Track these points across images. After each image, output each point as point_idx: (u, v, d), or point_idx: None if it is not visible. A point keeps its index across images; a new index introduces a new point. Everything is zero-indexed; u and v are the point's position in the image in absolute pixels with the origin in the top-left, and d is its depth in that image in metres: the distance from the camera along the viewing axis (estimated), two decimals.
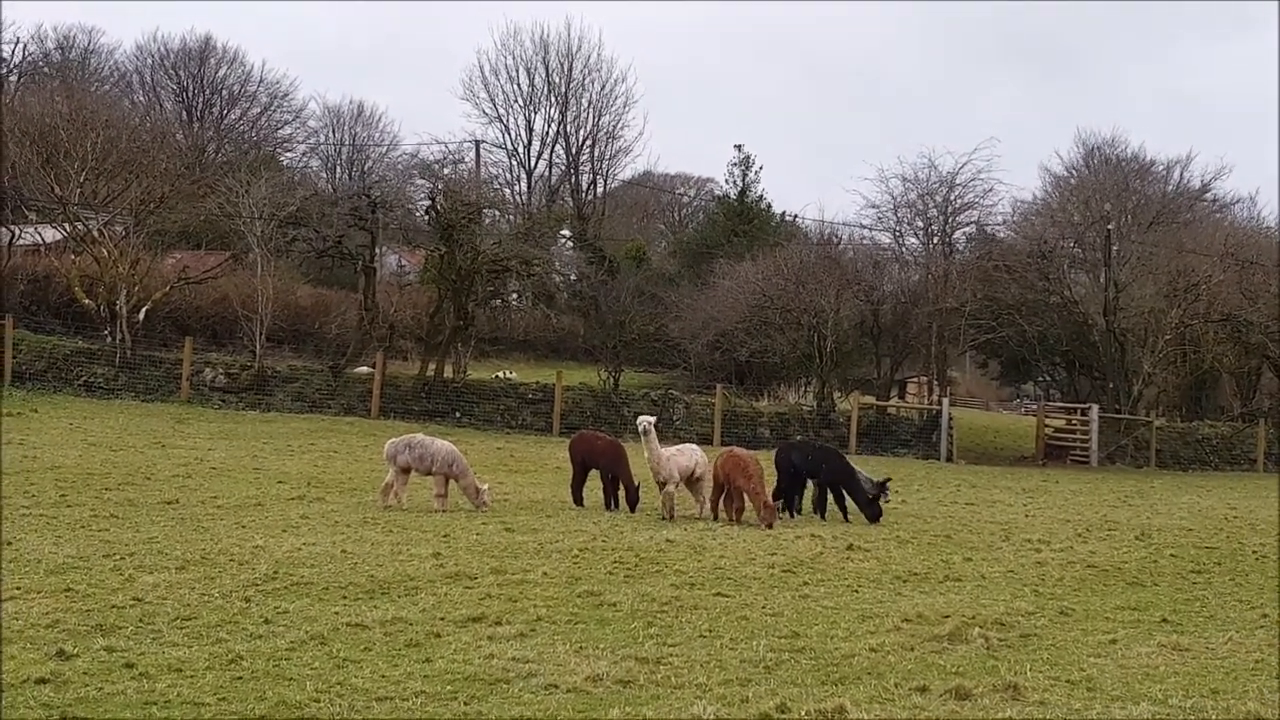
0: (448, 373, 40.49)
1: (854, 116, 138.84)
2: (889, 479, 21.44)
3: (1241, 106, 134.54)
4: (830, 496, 20.84)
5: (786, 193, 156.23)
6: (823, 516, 20.60)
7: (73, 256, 40.05)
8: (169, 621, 10.60)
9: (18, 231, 41.60)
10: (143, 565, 12.99)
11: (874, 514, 20.25)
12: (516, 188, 72.54)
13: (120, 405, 34.70)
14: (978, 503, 25.24)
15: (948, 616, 12.08)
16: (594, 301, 48.45)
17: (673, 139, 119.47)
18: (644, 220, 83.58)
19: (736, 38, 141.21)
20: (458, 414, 38.60)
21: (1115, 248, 44.80)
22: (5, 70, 62.99)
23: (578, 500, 20.56)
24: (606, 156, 74.39)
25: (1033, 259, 45.48)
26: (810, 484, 21.31)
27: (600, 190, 75.31)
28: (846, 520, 20.32)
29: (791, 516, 20.58)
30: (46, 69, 68.00)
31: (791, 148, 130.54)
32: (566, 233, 64.31)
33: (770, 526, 18.44)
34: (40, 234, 42.43)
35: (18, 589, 11.48)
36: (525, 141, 72.96)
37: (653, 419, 20.01)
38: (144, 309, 38.02)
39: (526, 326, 55.55)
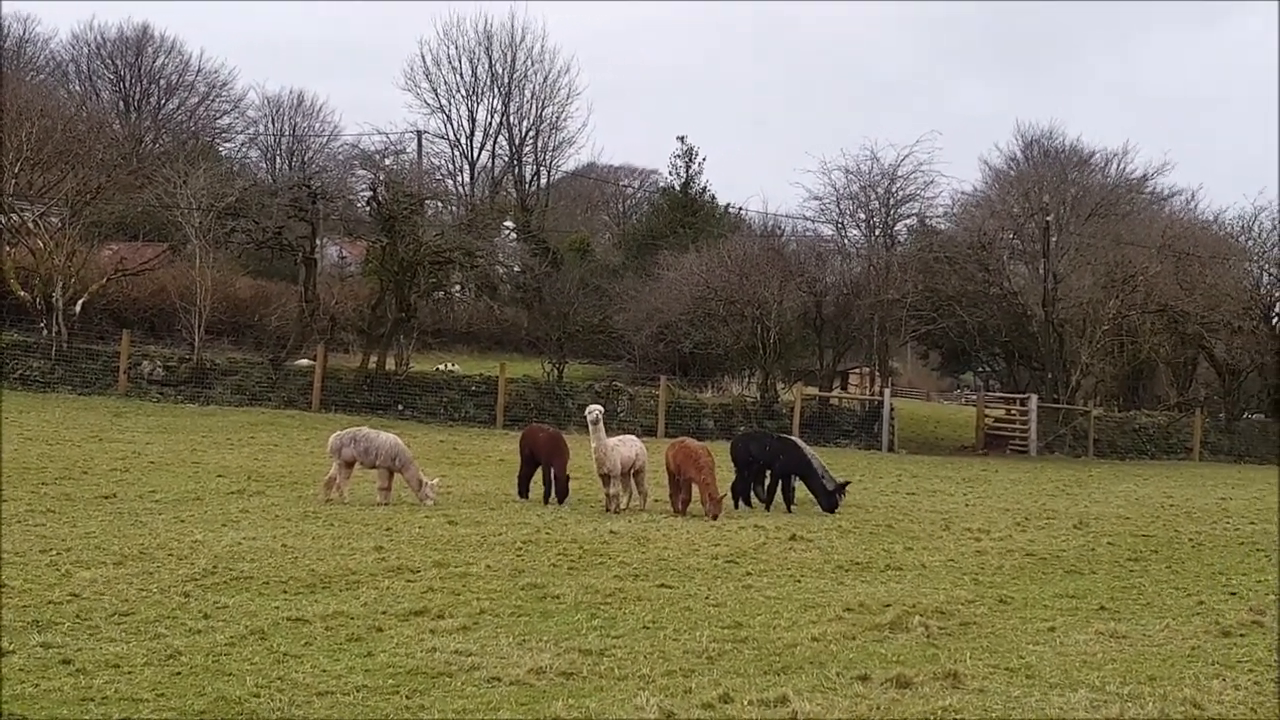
0: (390, 365, 40.27)
1: (800, 110, 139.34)
2: (849, 482, 21.56)
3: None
4: (779, 487, 20.88)
5: (730, 185, 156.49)
6: (768, 507, 20.66)
7: (7, 248, 39.43)
8: (106, 617, 10.48)
9: None
10: (80, 560, 12.83)
11: (829, 504, 20.31)
12: (459, 179, 72.35)
13: (57, 399, 34.26)
14: (918, 492, 25.43)
15: (889, 605, 12.17)
16: (538, 293, 48.35)
17: (616, 131, 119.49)
18: (588, 212, 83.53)
19: (677, 29, 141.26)
20: (400, 406, 38.43)
21: (1054, 239, 45.22)
22: None
23: (522, 492, 20.50)
24: (550, 148, 74.37)
25: (973, 250, 45.86)
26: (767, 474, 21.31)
27: (544, 181, 75.23)
28: (790, 510, 20.42)
29: (736, 506, 20.59)
30: None
31: (735, 140, 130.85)
32: (510, 224, 64.06)
33: (715, 518, 18.49)
34: None
35: None
36: (468, 132, 72.78)
37: (602, 409, 19.96)
38: (80, 301, 37.55)
39: (469, 318, 55.35)
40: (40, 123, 40.41)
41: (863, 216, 48.82)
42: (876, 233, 48.42)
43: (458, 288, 54.26)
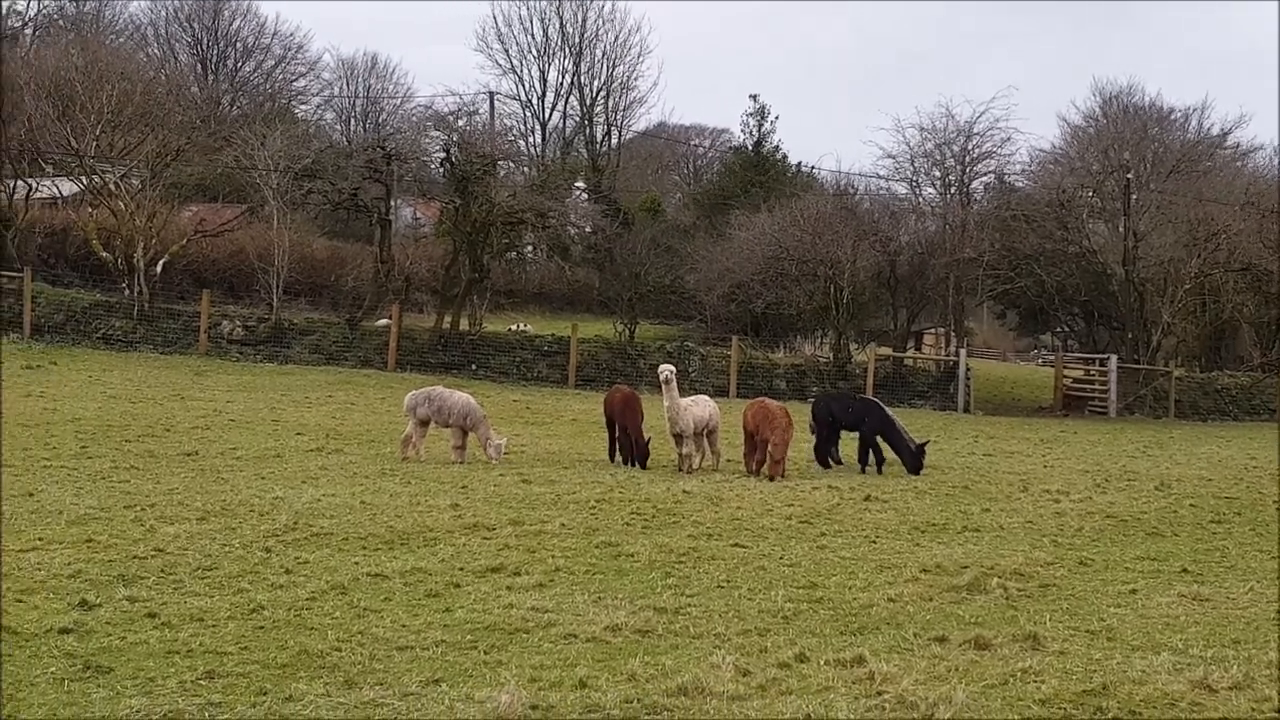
0: (464, 325, 40.54)
1: (875, 69, 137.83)
2: (929, 441, 21.38)
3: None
4: (869, 449, 20.67)
5: (803, 144, 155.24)
6: (863, 469, 20.44)
7: (90, 209, 40.09)
8: (190, 572, 10.66)
9: (35, 184, 41.59)
10: (164, 516, 13.06)
11: (915, 465, 20.15)
12: (531, 139, 72.23)
13: (139, 358, 34.84)
14: (995, 453, 25.21)
15: (966, 567, 12.08)
16: (609, 254, 48.33)
17: (687, 89, 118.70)
18: (659, 172, 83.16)
19: None
20: (474, 366, 38.65)
21: (1134, 196, 44.49)
22: (21, 24, 62.79)
23: (611, 457, 20.26)
24: (621, 108, 73.99)
25: (1051, 208, 45.20)
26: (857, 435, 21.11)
27: (615, 142, 74.96)
28: (881, 472, 20.18)
29: (826, 467, 20.50)
30: (61, 22, 67.69)
31: (808, 98, 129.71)
32: (581, 184, 64.01)
33: (772, 479, 18.24)
34: (57, 187, 42.41)
35: (40, 539, 11.56)
36: (539, 93, 72.62)
37: (674, 369, 19.87)
38: (161, 262, 38.11)
39: (542, 279, 55.48)
40: (120, 85, 40.87)
41: (938, 174, 48.21)
42: (952, 191, 47.82)
43: (530, 248, 54.39)
